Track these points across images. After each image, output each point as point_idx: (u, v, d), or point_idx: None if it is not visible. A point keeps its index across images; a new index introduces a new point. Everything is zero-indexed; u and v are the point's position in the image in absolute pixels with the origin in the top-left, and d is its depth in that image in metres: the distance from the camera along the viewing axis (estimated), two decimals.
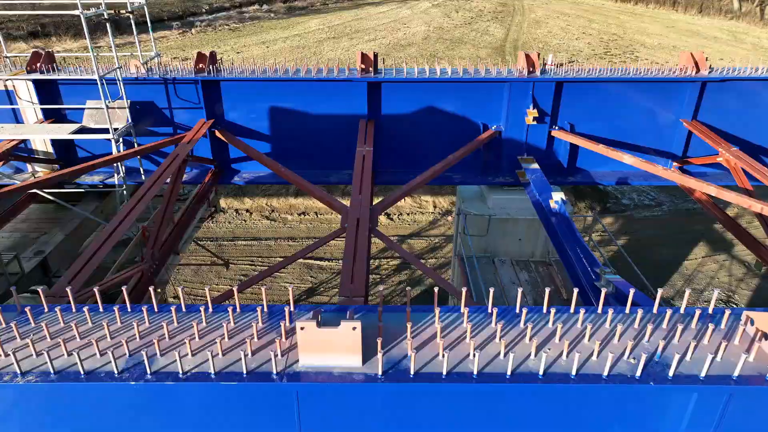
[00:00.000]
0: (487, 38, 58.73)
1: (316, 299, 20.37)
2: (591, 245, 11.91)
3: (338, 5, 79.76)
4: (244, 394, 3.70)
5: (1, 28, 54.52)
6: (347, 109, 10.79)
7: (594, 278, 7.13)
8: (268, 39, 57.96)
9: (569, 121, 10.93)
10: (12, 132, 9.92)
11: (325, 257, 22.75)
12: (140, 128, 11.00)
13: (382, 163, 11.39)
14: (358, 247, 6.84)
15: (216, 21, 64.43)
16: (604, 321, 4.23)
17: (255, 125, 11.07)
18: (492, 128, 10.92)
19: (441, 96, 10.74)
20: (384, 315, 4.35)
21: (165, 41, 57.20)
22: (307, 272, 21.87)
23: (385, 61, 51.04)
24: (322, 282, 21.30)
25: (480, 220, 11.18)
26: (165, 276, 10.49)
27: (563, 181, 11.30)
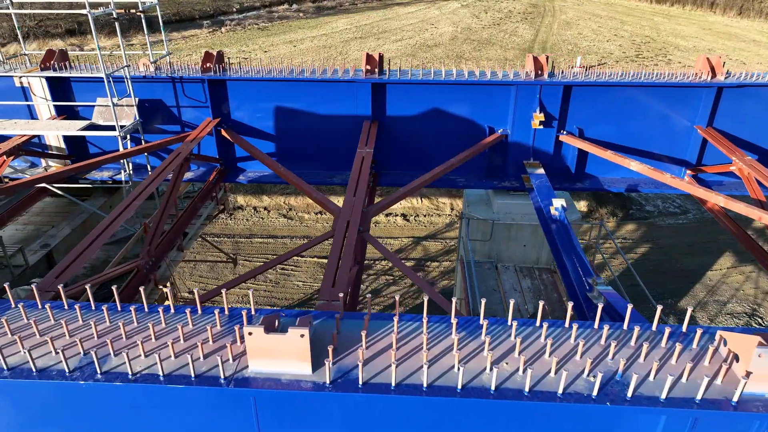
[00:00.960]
0: (515, 39, 58.02)
1: None
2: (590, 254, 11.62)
3: (367, 5, 79.91)
4: (193, 398, 3.68)
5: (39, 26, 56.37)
6: (351, 109, 10.75)
7: (588, 288, 6.92)
8: (296, 38, 58.42)
9: (578, 126, 10.67)
10: (24, 127, 10.18)
11: None
12: (149, 126, 11.18)
13: (386, 165, 11.33)
14: (344, 250, 6.78)
15: (246, 20, 65.27)
16: (568, 337, 4.08)
17: (260, 125, 11.13)
18: (498, 132, 10.74)
19: (447, 98, 10.61)
20: (350, 323, 4.29)
21: (195, 39, 58.22)
22: (320, 271, 21.92)
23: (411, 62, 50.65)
24: None
25: (483, 224, 11.01)
26: (167, 272, 10.62)
27: (571, 187, 11.04)
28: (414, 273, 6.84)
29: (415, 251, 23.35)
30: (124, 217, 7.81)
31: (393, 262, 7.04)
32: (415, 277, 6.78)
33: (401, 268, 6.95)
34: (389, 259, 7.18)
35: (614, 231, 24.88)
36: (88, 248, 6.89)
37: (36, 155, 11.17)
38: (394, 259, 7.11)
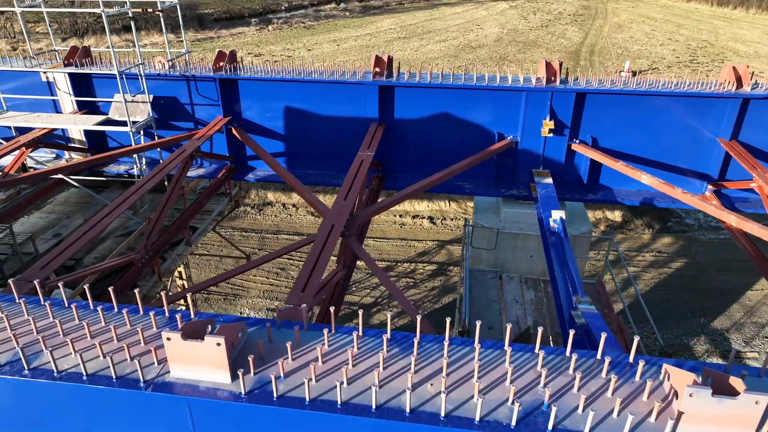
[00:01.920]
0: (562, 42, 56.63)
1: (347, 298, 20.45)
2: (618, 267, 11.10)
3: (413, 5, 79.72)
4: (114, 400, 3.71)
5: (97, 22, 58.83)
6: (359, 112, 10.70)
7: (573, 307, 6.63)
8: (340, 37, 58.87)
9: (592, 135, 10.26)
10: (44, 121, 10.62)
11: None
12: (164, 122, 11.46)
13: (392, 168, 11.22)
14: (322, 254, 6.73)
15: (292, 18, 66.28)
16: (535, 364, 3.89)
17: (270, 124, 11.23)
18: (508, 138, 10.46)
19: (456, 102, 10.41)
20: (286, 332, 4.24)
21: (242, 37, 59.50)
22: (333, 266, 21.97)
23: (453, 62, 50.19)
24: (354, 282, 21.34)
25: (489, 232, 10.74)
26: (173, 266, 10.87)
27: (582, 198, 10.64)
28: (399, 292, 6.64)
29: (438, 254, 23.11)
30: (118, 211, 8.02)
31: (375, 272, 6.93)
32: (400, 295, 6.56)
33: (383, 281, 6.80)
34: (372, 269, 7.06)
35: (649, 243, 23.88)
36: (76, 242, 7.10)
37: (56, 147, 11.64)
38: (376, 269, 7.00)
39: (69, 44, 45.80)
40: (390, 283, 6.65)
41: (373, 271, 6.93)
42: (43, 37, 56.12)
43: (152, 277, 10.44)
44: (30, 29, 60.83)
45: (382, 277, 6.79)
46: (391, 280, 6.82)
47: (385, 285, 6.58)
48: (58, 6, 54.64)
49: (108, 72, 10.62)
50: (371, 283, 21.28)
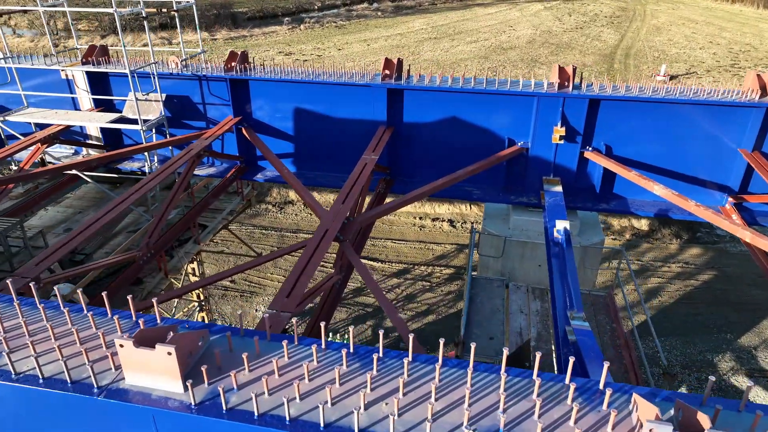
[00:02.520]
0: (597, 44, 55.38)
1: (361, 299, 20.40)
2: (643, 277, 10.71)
3: (446, 5, 79.21)
4: (68, 405, 3.69)
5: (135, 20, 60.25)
6: (368, 114, 10.60)
7: (566, 322, 6.40)
8: (371, 37, 58.90)
9: (606, 143, 9.92)
10: (60, 117, 10.86)
11: (379, 257, 22.72)
12: (177, 121, 11.59)
13: (400, 172, 11.09)
14: (312, 260, 6.66)
15: (324, 18, 66.65)
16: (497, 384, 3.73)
17: (280, 125, 11.23)
18: (518, 144, 10.21)
19: (466, 106, 10.21)
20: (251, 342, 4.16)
21: (274, 36, 60.13)
22: None
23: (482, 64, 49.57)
24: None
25: (496, 240, 10.51)
26: (179, 263, 10.97)
27: (594, 207, 10.30)
28: (391, 306, 6.47)
29: (456, 258, 22.85)
30: (119, 209, 8.11)
31: (367, 282, 6.80)
32: (391, 310, 6.35)
33: (375, 292, 6.63)
34: (363, 278, 6.92)
35: (676, 254, 23.10)
36: (73, 240, 7.19)
37: (72, 144, 11.88)
38: (369, 279, 6.87)
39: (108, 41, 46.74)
40: (382, 296, 6.50)
41: (364, 280, 6.80)
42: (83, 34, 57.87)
43: (158, 274, 10.57)
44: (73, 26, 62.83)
45: (374, 288, 6.65)
46: (383, 293, 6.68)
47: (377, 298, 6.45)
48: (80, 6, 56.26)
49: (121, 71, 10.77)
50: (387, 285, 21.18)
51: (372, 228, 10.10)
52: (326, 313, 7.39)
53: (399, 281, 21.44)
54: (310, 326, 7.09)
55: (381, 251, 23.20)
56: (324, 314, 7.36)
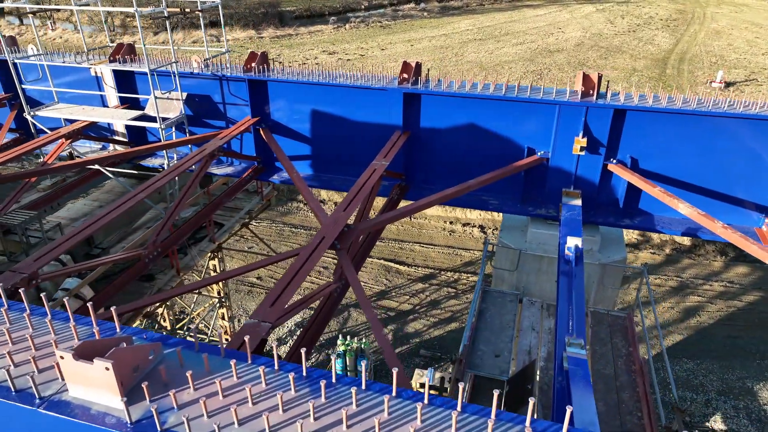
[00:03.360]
0: (649, 48, 53.29)
1: (384, 303, 20.21)
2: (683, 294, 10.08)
3: (494, 6, 77.97)
4: (11, 415, 3.65)
5: (186, 18, 61.98)
6: (384, 118, 10.38)
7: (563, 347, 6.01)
8: (415, 37, 58.60)
9: (631, 155, 9.37)
10: (85, 113, 11.11)
11: (405, 261, 22.47)
12: (198, 120, 11.69)
13: (416, 178, 10.82)
14: (302, 269, 6.50)
15: (370, 17, 66.76)
16: None
17: (297, 126, 11.15)
18: (538, 154, 9.77)
19: (484, 113, 9.85)
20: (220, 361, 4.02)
21: (320, 35, 60.64)
22: (384, 274, 21.79)
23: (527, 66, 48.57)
24: (395, 287, 21.06)
25: (512, 252, 10.10)
26: (192, 261, 11.05)
27: (617, 223, 9.75)
28: (383, 333, 6.16)
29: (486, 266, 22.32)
30: (127, 206, 8.18)
31: (359, 299, 6.57)
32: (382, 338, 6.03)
33: (368, 313, 6.38)
34: (356, 293, 6.65)
35: (720, 272, 21.86)
36: (72, 237, 7.28)
37: (97, 139, 12.16)
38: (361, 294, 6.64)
39: (159, 39, 47.88)
40: (371, 312, 6.25)
41: (355, 293, 6.58)
42: (136, 31, 59.88)
43: (170, 271, 10.68)
44: (128, 23, 65.14)
45: (364, 302, 6.41)
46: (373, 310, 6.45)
47: (365, 313, 6.22)
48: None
49: (139, 69, 10.92)
50: (411, 290, 20.92)
51: (379, 235, 9.87)
52: (319, 323, 7.21)
53: (424, 286, 21.13)
54: (301, 337, 6.94)
55: (408, 254, 22.94)
56: (317, 324, 7.19)
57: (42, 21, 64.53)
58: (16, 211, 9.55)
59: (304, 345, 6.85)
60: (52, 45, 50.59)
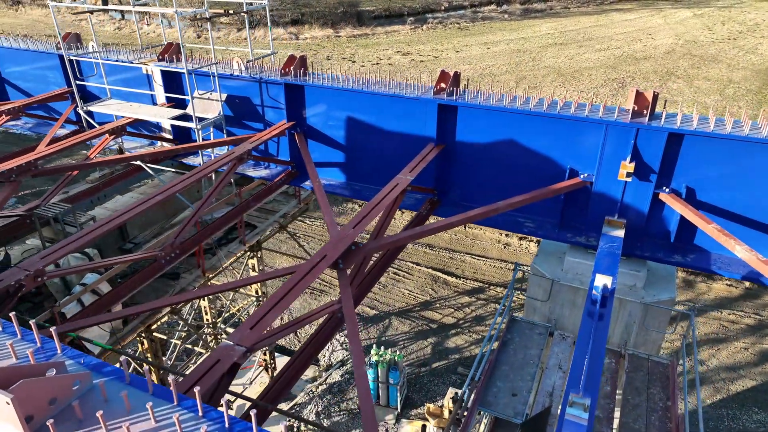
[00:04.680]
0: (751, 58, 48.96)
1: (427, 314, 19.65)
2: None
3: (580, 10, 74.68)
4: None
5: (271, 16, 63.94)
6: (419, 129, 9.89)
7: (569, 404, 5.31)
8: (492, 40, 57.19)
9: (687, 184, 8.33)
10: (131, 110, 11.41)
11: (454, 272, 21.77)
12: (237, 121, 11.71)
13: (448, 193, 10.24)
14: (294, 288, 6.17)
15: (448, 19, 65.90)
16: None
17: (331, 133, 10.89)
18: (580, 176, 8.92)
19: (524, 129, 9.12)
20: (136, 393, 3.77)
21: (396, 35, 60.56)
22: (430, 284, 21.21)
23: (609, 74, 46.26)
24: (440, 298, 20.44)
25: (545, 281, 9.29)
26: (218, 262, 11.07)
27: (666, 259, 8.71)
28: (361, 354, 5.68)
29: None
30: (145, 206, 8.22)
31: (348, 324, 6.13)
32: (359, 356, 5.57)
33: (351, 339, 5.92)
34: (346, 318, 6.19)
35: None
36: (91, 233, 7.35)
37: (144, 136, 12.47)
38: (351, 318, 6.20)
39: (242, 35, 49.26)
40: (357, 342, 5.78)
41: (345, 319, 6.10)
42: (222, 27, 62.46)
43: (196, 271, 10.74)
44: (215, 20, 68.07)
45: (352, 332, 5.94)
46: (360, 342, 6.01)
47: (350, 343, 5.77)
48: None
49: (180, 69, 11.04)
50: (457, 302, 20.22)
51: (398, 254, 9.35)
52: (315, 347, 6.84)
53: (470, 300, 20.36)
54: (293, 359, 6.61)
55: (458, 265, 22.21)
56: (312, 347, 6.82)
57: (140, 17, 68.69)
58: (55, 203, 9.90)
59: (295, 370, 6.52)
60: (146, 39, 53.68)
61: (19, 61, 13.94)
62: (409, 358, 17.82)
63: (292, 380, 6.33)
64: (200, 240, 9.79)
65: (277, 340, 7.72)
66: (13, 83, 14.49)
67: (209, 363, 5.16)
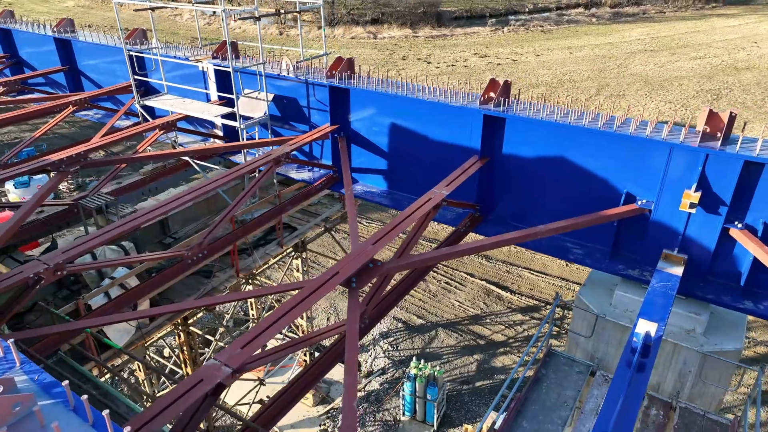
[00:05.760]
0: None
1: (476, 328, 18.85)
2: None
3: (677, 15, 69.94)
4: None
5: (350, 14, 64.62)
6: (462, 139, 9.29)
7: None
8: (576, 45, 54.69)
9: (766, 221, 7.21)
10: (181, 106, 11.55)
11: (510, 287, 20.79)
12: (283, 121, 11.58)
13: (490, 210, 9.55)
14: (297, 307, 5.80)
15: (531, 21, 63.76)
16: None
17: (375, 138, 10.49)
18: (638, 203, 7.98)
19: (576, 146, 8.29)
20: None
21: (475, 37, 59.33)
22: (483, 297, 20.37)
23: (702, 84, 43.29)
24: (492, 313, 19.55)
25: (590, 315, 8.41)
26: (253, 264, 10.97)
27: (734, 304, 7.60)
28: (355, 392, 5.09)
29: None
30: (179, 202, 8.22)
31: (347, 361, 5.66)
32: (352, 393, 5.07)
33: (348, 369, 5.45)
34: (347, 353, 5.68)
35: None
36: (115, 228, 7.36)
37: (186, 131, 12.61)
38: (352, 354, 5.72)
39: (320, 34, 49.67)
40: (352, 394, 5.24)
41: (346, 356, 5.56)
42: (305, 24, 63.75)
43: (230, 270, 10.69)
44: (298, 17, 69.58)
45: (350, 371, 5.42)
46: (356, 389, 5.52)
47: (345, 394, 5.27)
48: None
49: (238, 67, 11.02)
50: (509, 319, 19.25)
51: (425, 274, 8.72)
52: (322, 366, 6.46)
53: (524, 318, 19.32)
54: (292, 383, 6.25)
55: (515, 280, 21.19)
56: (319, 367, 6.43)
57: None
58: (101, 194, 10.15)
59: (292, 395, 6.17)
60: (234, 35, 55.76)
61: (92, 55, 14.58)
62: (451, 374, 17.14)
63: (288, 406, 5.97)
64: (234, 240, 9.70)
65: (272, 361, 7.40)
66: (88, 75, 15.19)
67: (191, 382, 4.90)
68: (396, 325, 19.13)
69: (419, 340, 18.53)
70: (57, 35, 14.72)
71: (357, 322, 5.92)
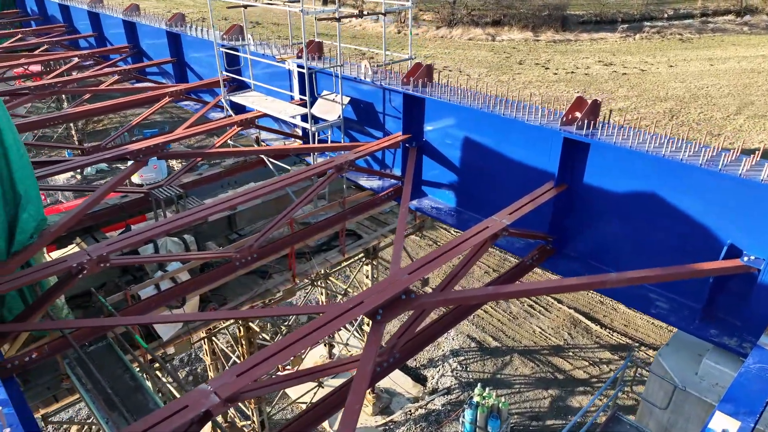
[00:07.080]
0: None
1: (556, 360, 17.36)
2: None
3: None
4: None
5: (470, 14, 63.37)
6: (538, 162, 8.31)
7: None
8: (720, 56, 49.21)
9: None
10: (259, 104, 11.59)
11: (600, 320, 18.96)
12: (359, 126, 11.23)
13: (564, 244, 8.46)
14: (308, 337, 5.33)
15: (669, 28, 58.44)
16: None
17: (447, 152, 9.78)
18: (743, 259, 6.57)
19: (672, 182, 7.02)
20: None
21: (602, 43, 55.65)
22: (568, 327, 18.78)
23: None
24: (576, 346, 17.90)
25: (666, 383, 7.08)
26: (310, 269, 10.71)
27: None
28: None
29: None
30: (240, 199, 8.21)
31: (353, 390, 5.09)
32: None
33: (348, 409, 4.95)
34: (352, 388, 5.11)
35: None
36: (169, 223, 7.39)
37: (266, 130, 12.63)
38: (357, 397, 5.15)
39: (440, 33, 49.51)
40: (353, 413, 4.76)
41: (351, 394, 5.01)
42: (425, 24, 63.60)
43: (287, 273, 10.52)
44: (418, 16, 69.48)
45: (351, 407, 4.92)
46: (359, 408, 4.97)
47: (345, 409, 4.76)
48: None
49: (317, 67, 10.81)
50: (594, 356, 17.51)
51: (469, 314, 7.75)
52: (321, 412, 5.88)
53: (612, 356, 17.49)
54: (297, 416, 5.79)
55: (607, 313, 19.28)
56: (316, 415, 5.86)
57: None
58: (172, 186, 10.41)
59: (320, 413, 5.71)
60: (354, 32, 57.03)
61: (196, 48, 15.22)
62: (521, 406, 15.91)
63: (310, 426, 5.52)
64: (291, 243, 9.51)
65: (271, 392, 6.98)
66: (192, 67, 15.93)
67: (175, 407, 4.61)
68: (469, 344, 18.17)
69: (491, 363, 17.44)
70: (168, 29, 15.54)
71: (372, 362, 5.32)
